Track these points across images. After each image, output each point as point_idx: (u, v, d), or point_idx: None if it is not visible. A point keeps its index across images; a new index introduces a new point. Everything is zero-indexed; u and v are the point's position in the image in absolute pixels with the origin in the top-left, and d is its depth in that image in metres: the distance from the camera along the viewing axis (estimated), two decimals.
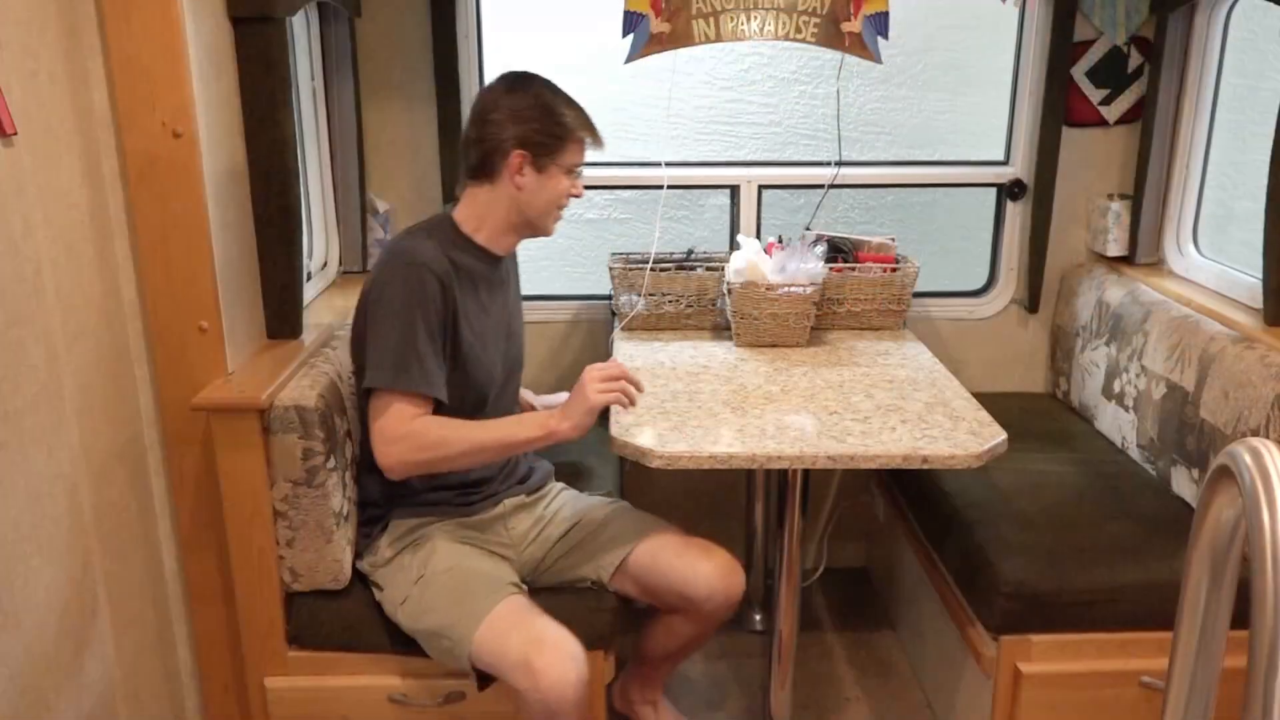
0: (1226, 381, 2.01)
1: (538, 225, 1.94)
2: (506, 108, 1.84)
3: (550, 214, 1.93)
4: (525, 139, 1.84)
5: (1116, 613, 1.96)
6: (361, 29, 2.47)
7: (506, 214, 1.90)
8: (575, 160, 1.91)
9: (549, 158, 1.86)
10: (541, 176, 1.87)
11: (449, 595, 1.81)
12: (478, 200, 1.91)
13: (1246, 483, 0.68)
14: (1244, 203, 2.61)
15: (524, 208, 1.89)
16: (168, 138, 1.69)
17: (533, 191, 1.88)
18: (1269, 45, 2.46)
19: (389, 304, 1.77)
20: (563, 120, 1.87)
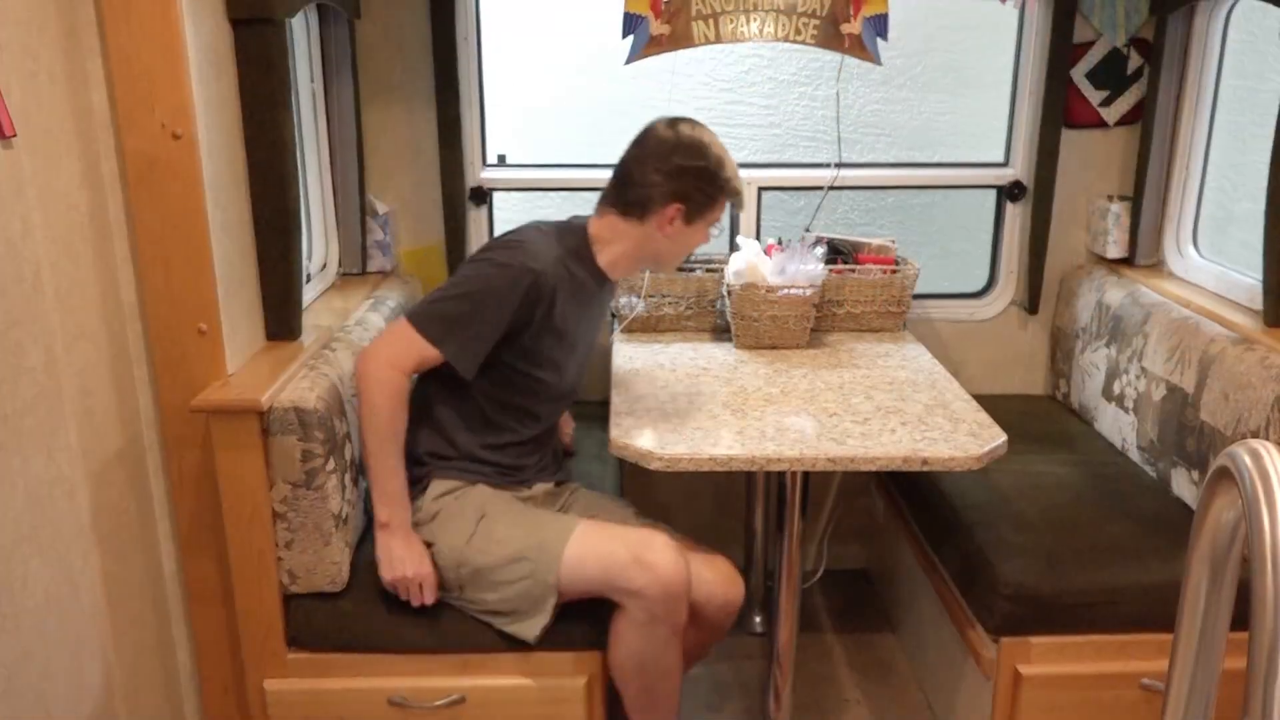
0: (1226, 383, 2.01)
1: (665, 267, 2.12)
2: (677, 161, 1.90)
3: (679, 259, 2.07)
4: (686, 195, 1.91)
5: (1116, 614, 1.96)
6: (361, 31, 2.47)
7: (640, 250, 1.98)
8: (718, 216, 1.99)
9: (700, 215, 1.94)
10: (689, 229, 1.95)
11: (523, 524, 1.87)
12: (617, 229, 1.97)
13: (1246, 484, 0.68)
14: (1244, 204, 2.61)
15: (662, 253, 2.00)
16: (167, 139, 1.69)
17: (676, 241, 1.97)
18: (1268, 46, 2.46)
19: (483, 278, 1.84)
20: (723, 184, 1.94)
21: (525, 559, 1.81)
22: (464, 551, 1.85)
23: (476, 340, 1.84)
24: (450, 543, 1.86)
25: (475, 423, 1.95)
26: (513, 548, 1.82)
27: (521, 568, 1.81)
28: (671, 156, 1.90)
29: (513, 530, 1.85)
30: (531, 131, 2.90)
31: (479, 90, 2.63)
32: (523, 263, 1.83)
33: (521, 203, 3.02)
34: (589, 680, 1.92)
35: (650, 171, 1.91)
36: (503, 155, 2.73)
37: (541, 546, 1.81)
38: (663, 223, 1.92)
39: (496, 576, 1.83)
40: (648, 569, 1.75)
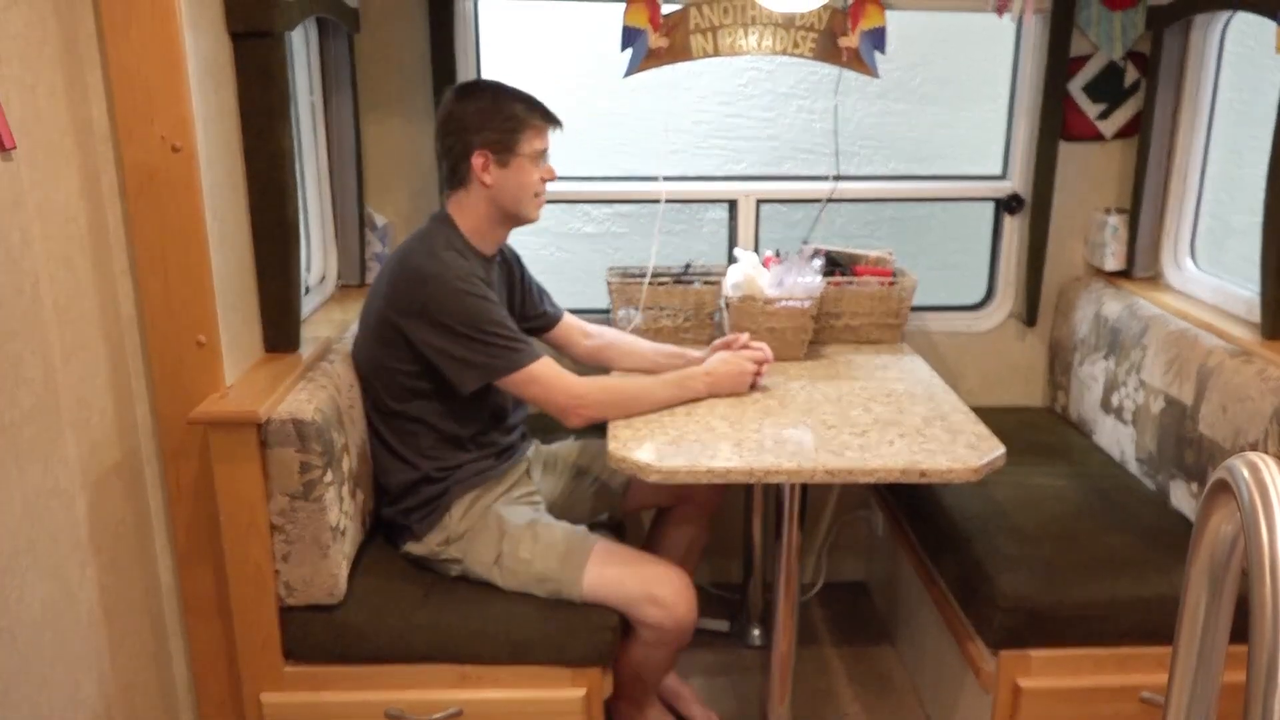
0: (1225, 396, 2.01)
1: (519, 214, 2.06)
2: (458, 115, 1.98)
3: (527, 201, 2.04)
4: (483, 140, 1.97)
5: (1116, 627, 1.96)
6: (360, 44, 2.47)
7: (488, 212, 2.03)
8: (536, 146, 2.01)
9: (509, 151, 1.98)
10: (507, 170, 1.98)
11: (543, 547, 1.96)
12: (462, 205, 2.03)
13: (1245, 498, 0.68)
14: (1241, 217, 2.61)
15: (500, 202, 2.02)
16: (166, 152, 1.69)
17: (502, 186, 2.00)
18: (1264, 60, 2.46)
19: (469, 316, 1.92)
20: (512, 113, 1.98)
21: (550, 579, 1.93)
22: (493, 570, 1.97)
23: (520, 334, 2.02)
24: (480, 560, 1.98)
25: (463, 423, 2.05)
26: (538, 568, 1.94)
27: (547, 587, 1.94)
28: (452, 114, 1.99)
29: (535, 551, 1.95)
30: None
31: None
32: (460, 275, 1.94)
33: None
34: (588, 693, 1.92)
35: (445, 138, 2.00)
36: None
37: (563, 566, 1.93)
38: (479, 175, 1.98)
39: (526, 588, 1.96)
40: (660, 606, 1.90)
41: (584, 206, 3.05)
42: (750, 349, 2.22)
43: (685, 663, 2.62)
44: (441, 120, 2.01)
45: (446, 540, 2.00)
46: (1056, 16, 2.55)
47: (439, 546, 2.01)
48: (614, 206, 2.97)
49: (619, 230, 3.03)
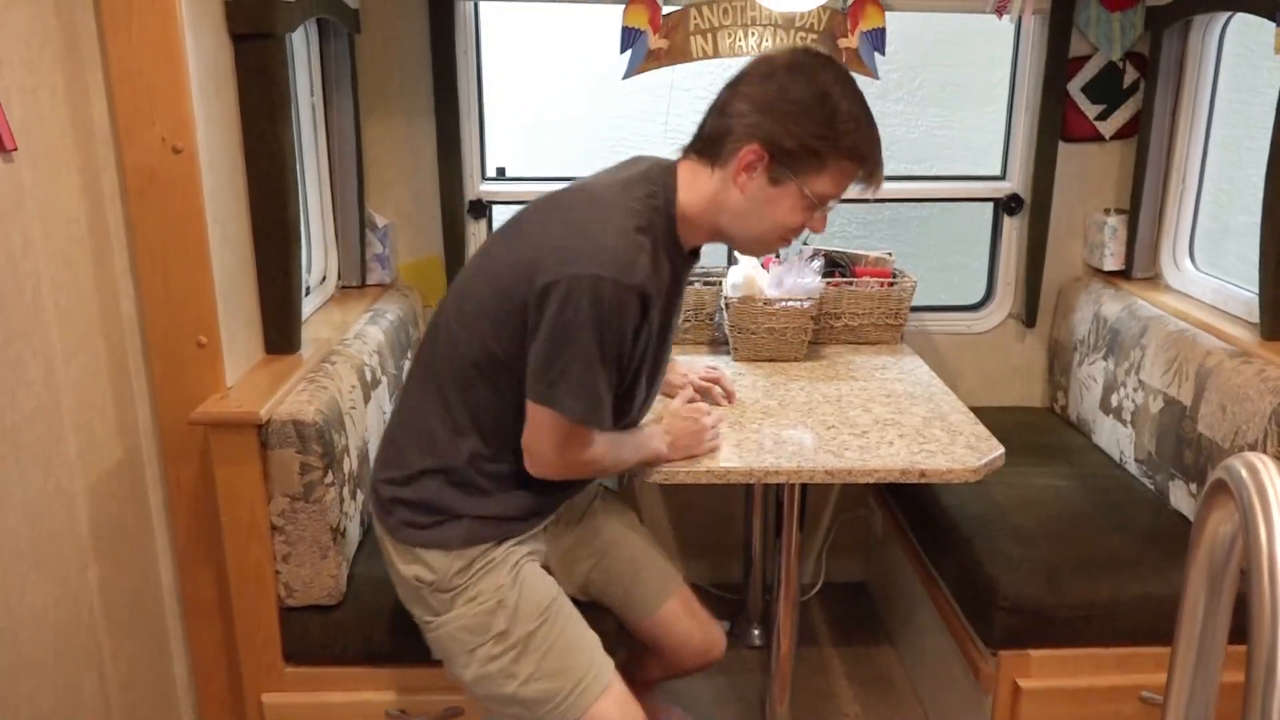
0: (1224, 396, 2.02)
1: (737, 241, 1.60)
2: (777, 89, 1.44)
3: (761, 239, 1.55)
4: (774, 137, 1.43)
5: (1115, 627, 1.96)
6: (361, 45, 2.48)
7: (713, 212, 1.52)
8: (828, 190, 1.49)
9: (792, 172, 1.45)
10: (773, 191, 1.47)
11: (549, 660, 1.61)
12: (697, 182, 1.53)
13: (1243, 498, 0.68)
14: (1240, 217, 2.62)
15: (734, 218, 1.52)
16: (167, 153, 1.70)
17: (753, 204, 1.49)
18: (1263, 61, 2.47)
19: (584, 325, 1.43)
20: (836, 131, 1.44)
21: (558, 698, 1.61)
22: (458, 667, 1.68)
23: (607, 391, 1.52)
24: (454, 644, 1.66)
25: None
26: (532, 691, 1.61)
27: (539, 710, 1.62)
28: (770, 80, 1.44)
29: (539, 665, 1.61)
30: (531, 145, 2.91)
31: (478, 103, 2.64)
32: (623, 282, 1.42)
33: None
34: None
35: (735, 99, 1.46)
36: (502, 168, 2.74)
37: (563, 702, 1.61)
38: (738, 170, 1.46)
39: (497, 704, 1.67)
40: None
41: None
42: (714, 393, 2.06)
43: None
44: (748, 74, 1.48)
45: (433, 586, 1.64)
46: (1055, 17, 2.55)
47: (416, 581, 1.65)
48: None
49: None
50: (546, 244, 1.49)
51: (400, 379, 2.38)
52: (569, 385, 1.47)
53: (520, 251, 1.53)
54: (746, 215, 1.51)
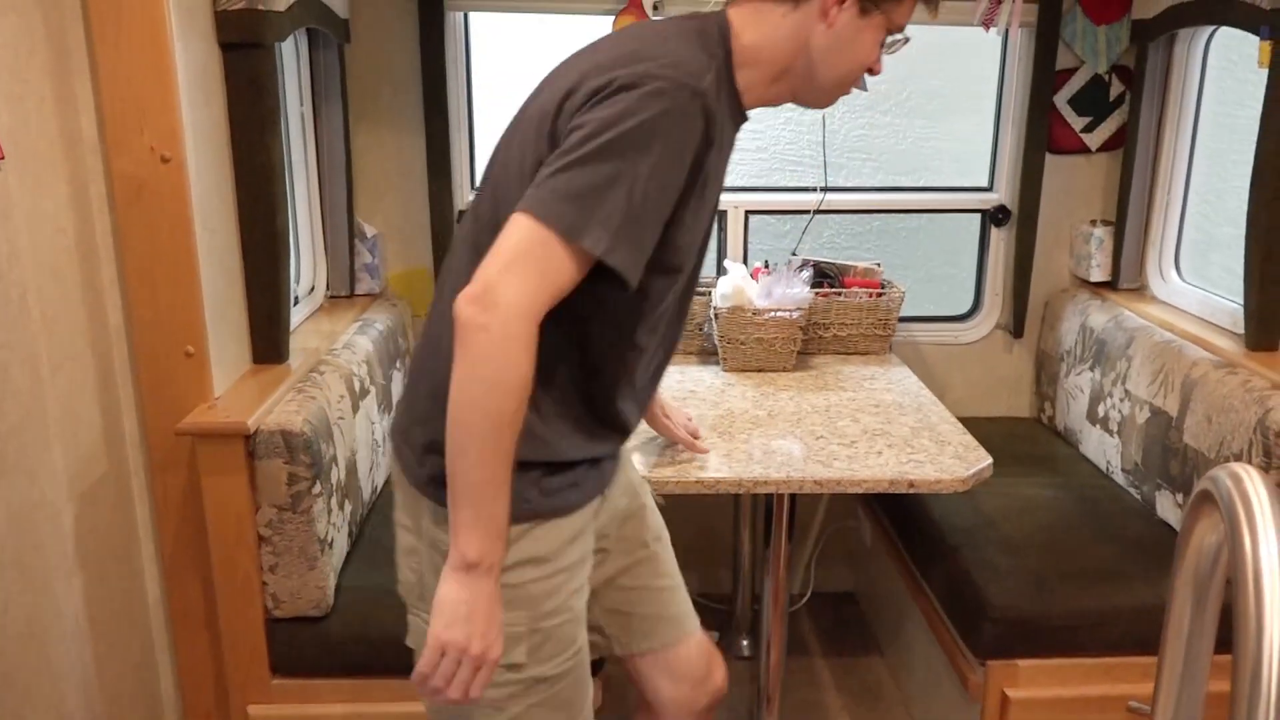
0: (1209, 406, 2.03)
1: (820, 92, 1.35)
2: None
3: (844, 84, 1.34)
4: None
5: (1103, 637, 1.97)
6: (351, 55, 2.48)
7: (790, 54, 1.29)
8: (904, 19, 1.32)
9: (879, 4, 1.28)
10: (861, 22, 1.28)
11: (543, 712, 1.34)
12: (765, 20, 1.28)
13: (1228, 508, 0.68)
14: (1225, 229, 2.64)
15: (818, 58, 1.30)
16: (156, 162, 1.69)
17: (839, 41, 1.29)
18: (1247, 74, 2.49)
19: (633, 131, 1.12)
20: None
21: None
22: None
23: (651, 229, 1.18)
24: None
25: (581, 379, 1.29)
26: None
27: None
28: None
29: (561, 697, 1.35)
30: None
31: (468, 114, 2.64)
32: (690, 86, 1.15)
33: None
34: None
35: None
36: None
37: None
38: (828, 8, 1.26)
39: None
40: None
41: None
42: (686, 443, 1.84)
43: None
44: None
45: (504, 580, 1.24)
46: (1042, 30, 2.57)
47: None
48: None
49: None
50: (592, 64, 1.22)
51: (389, 389, 2.37)
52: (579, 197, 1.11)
53: (561, 83, 1.24)
54: (830, 54, 1.29)
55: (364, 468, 2.13)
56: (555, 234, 1.11)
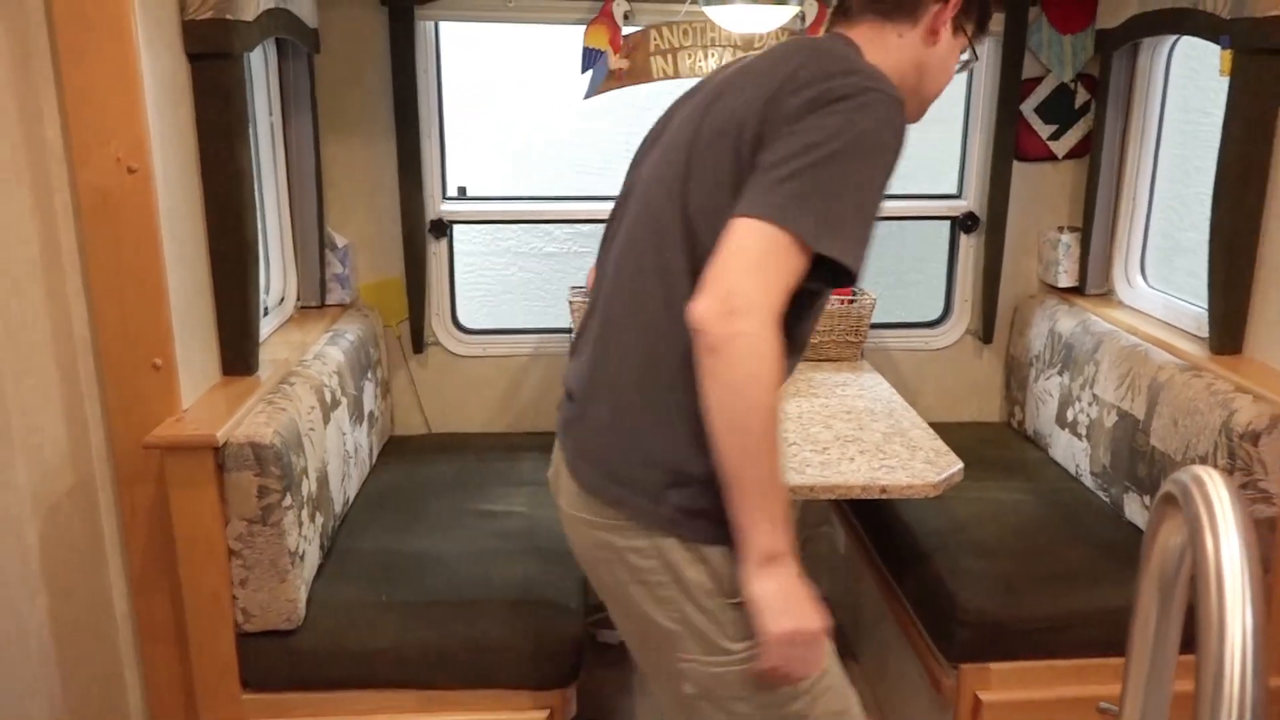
0: (1175, 409, 2.05)
1: (921, 107, 1.41)
2: None
3: (932, 101, 1.42)
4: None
5: (1073, 639, 1.98)
6: (320, 65, 2.47)
7: (914, 75, 1.36)
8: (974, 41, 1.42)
9: (970, 20, 1.37)
10: (954, 42, 1.37)
11: (835, 699, 1.37)
12: (887, 43, 1.34)
13: (1191, 510, 0.69)
14: (1189, 234, 2.67)
15: (929, 78, 1.37)
16: (122, 173, 1.68)
17: (941, 60, 1.37)
18: (1209, 82, 2.53)
19: (868, 145, 1.19)
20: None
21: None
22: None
23: (872, 231, 1.22)
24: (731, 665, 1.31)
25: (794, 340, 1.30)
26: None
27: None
28: None
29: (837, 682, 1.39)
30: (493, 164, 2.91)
31: (439, 123, 2.63)
32: (891, 93, 1.23)
33: (482, 235, 3.03)
34: (550, 714, 1.91)
35: None
36: (463, 188, 2.73)
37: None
38: (935, 24, 1.33)
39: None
40: None
41: (546, 226, 3.06)
42: None
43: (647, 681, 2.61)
44: None
45: (711, 591, 1.28)
46: (1008, 40, 2.60)
47: (710, 578, 1.28)
48: (575, 226, 2.98)
49: (581, 250, 3.03)
50: (787, 75, 1.22)
51: (360, 400, 2.36)
52: (817, 203, 1.15)
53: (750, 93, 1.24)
54: (934, 72, 1.37)
55: (335, 479, 2.12)
56: (794, 238, 1.14)
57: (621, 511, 1.28)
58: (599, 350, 1.33)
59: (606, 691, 2.57)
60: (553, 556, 2.08)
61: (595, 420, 1.32)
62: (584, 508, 1.33)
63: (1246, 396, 1.91)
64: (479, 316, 2.98)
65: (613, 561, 1.31)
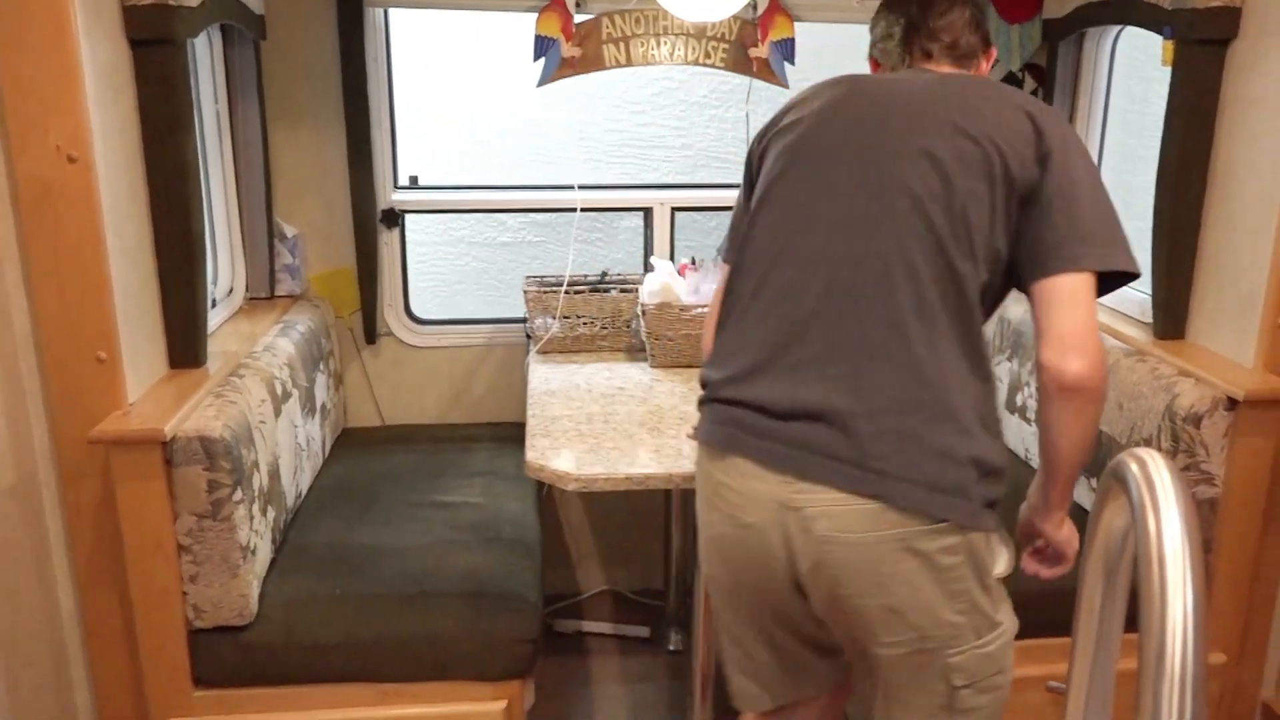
0: (1120, 393, 2.09)
1: None
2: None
3: None
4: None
5: (1022, 619, 2.01)
6: (267, 51, 2.42)
7: None
8: None
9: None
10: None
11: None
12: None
13: (1134, 492, 0.71)
14: (1134, 222, 2.71)
15: None
16: (62, 163, 1.64)
17: None
18: (1152, 72, 2.58)
19: (1095, 174, 1.42)
20: None
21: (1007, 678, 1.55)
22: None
23: None
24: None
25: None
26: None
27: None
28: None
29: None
30: (445, 153, 2.89)
31: (389, 112, 2.60)
32: None
33: (434, 224, 3.00)
34: (509, 705, 1.90)
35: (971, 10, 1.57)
36: (415, 177, 2.71)
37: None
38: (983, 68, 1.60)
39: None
40: None
41: (499, 216, 3.04)
42: None
43: (605, 671, 2.62)
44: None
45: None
46: None
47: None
48: (530, 215, 2.97)
49: (535, 239, 3.02)
50: (1015, 108, 1.40)
51: (312, 392, 2.33)
52: (1115, 236, 1.39)
53: (977, 128, 1.38)
54: None
55: (287, 472, 2.09)
56: (1107, 274, 1.39)
57: (946, 516, 1.33)
58: (865, 369, 1.35)
59: (564, 682, 2.57)
60: (509, 547, 2.08)
61: (892, 436, 1.33)
62: (885, 524, 1.33)
63: (1189, 380, 1.95)
64: (432, 307, 2.95)
65: (914, 569, 1.34)
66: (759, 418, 1.38)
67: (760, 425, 1.38)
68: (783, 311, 1.40)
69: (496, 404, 2.79)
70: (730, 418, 1.41)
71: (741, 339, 1.45)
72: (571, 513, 2.90)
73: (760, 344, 1.41)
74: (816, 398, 1.35)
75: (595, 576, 2.97)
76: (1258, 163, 1.91)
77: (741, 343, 1.44)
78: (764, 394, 1.39)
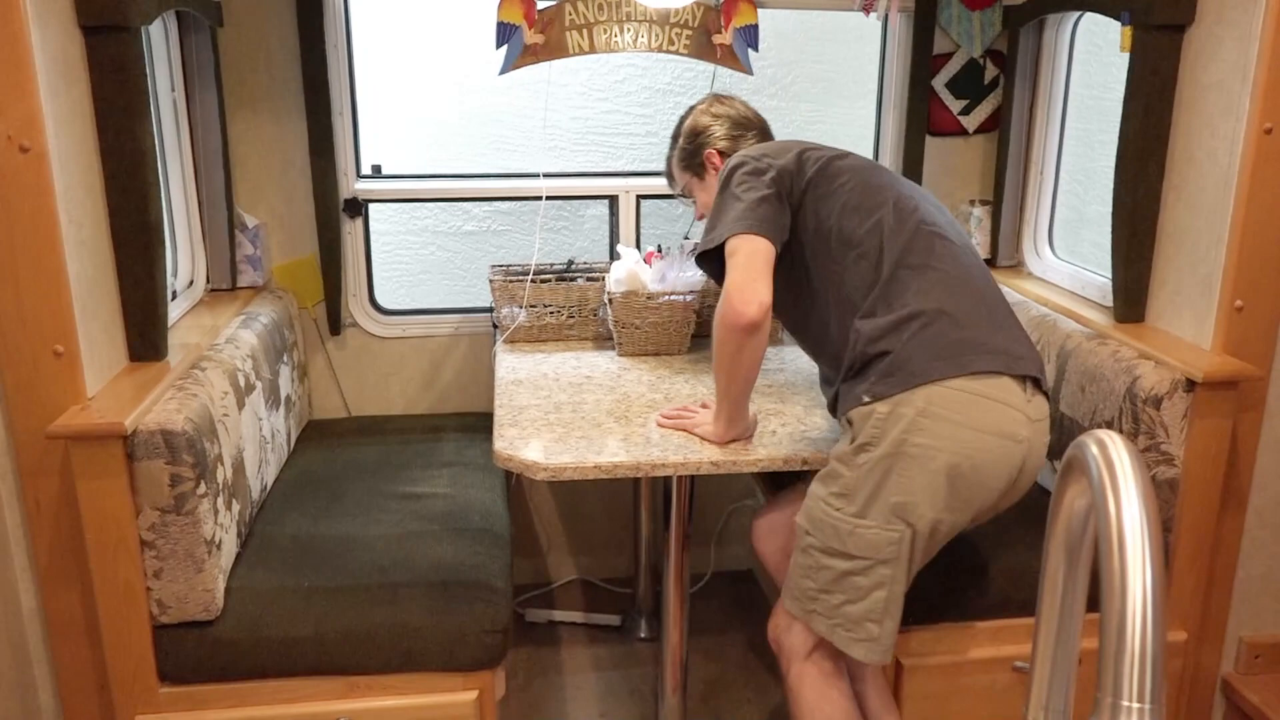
0: (1082, 376, 2.12)
1: None
2: None
3: None
4: None
5: (987, 602, 2.04)
6: (225, 38, 2.39)
7: None
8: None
9: None
10: None
11: None
12: None
13: (1094, 473, 0.71)
14: (1094, 207, 2.75)
15: None
16: (14, 152, 1.61)
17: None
18: (1111, 58, 2.60)
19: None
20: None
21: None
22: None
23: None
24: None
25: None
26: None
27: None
28: None
29: None
30: (407, 141, 2.86)
31: (351, 100, 2.57)
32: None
33: (398, 214, 2.98)
34: (480, 696, 1.90)
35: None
36: (378, 166, 2.68)
37: None
38: None
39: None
40: None
41: (464, 204, 3.01)
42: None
43: (577, 660, 2.63)
44: None
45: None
46: (919, 15, 2.63)
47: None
48: (494, 204, 2.95)
49: (500, 228, 3.00)
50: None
51: (276, 384, 2.30)
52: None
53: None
54: None
55: (252, 465, 2.07)
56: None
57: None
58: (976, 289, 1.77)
59: (536, 671, 2.57)
60: (477, 538, 2.07)
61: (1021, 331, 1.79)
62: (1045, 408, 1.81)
63: (1149, 363, 1.98)
64: (397, 297, 2.93)
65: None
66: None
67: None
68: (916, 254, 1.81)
69: (463, 394, 2.77)
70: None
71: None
72: (540, 502, 2.89)
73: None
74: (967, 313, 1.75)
75: (565, 566, 2.97)
76: (1215, 148, 1.94)
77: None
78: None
